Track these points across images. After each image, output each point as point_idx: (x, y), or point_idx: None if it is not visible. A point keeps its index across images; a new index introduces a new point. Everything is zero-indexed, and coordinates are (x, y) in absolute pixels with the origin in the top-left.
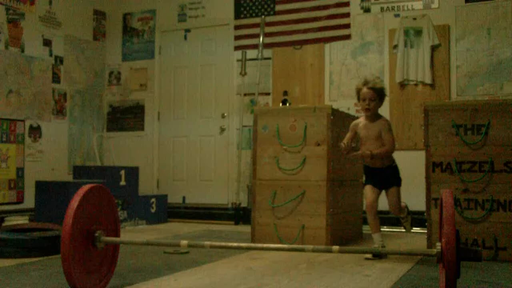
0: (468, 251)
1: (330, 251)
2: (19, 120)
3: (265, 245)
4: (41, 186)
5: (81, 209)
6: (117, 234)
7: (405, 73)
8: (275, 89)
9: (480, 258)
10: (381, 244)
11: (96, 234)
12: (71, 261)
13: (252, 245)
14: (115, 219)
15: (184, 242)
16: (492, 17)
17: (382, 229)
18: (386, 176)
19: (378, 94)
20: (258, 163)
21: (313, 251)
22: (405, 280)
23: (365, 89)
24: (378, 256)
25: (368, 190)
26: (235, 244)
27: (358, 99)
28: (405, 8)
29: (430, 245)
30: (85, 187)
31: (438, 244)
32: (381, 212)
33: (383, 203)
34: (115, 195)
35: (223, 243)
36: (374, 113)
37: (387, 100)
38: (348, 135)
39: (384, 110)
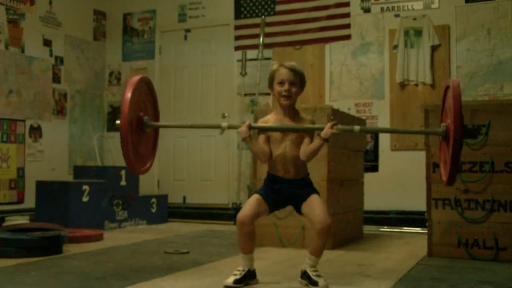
0: (468, 129)
1: None
2: (19, 120)
3: None
4: (41, 186)
5: (133, 99)
6: (157, 120)
7: (405, 73)
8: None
9: (477, 135)
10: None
11: (145, 120)
12: (129, 145)
13: None
14: (155, 107)
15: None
16: (492, 17)
17: (382, 229)
18: (295, 192)
19: (300, 79)
20: (258, 163)
21: None
22: (405, 280)
23: (283, 69)
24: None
25: (252, 201)
26: None
27: (271, 85)
28: (405, 8)
29: (430, 244)
30: (135, 78)
31: (443, 124)
32: (381, 212)
33: (380, 202)
34: (115, 195)
35: None
36: (294, 104)
37: (387, 100)
38: (262, 139)
39: (384, 110)
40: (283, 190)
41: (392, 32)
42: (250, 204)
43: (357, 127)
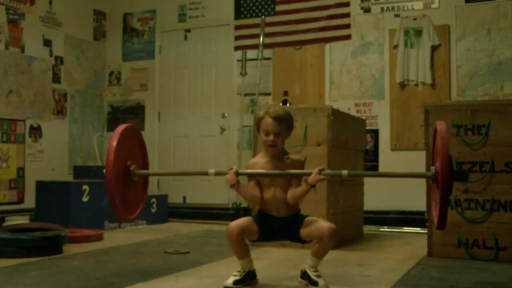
0: (458, 173)
1: None
2: (19, 120)
3: None
4: (41, 186)
5: (119, 147)
6: (146, 168)
7: (405, 73)
8: (275, 89)
9: (466, 178)
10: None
11: (131, 168)
12: (115, 193)
13: None
14: (144, 154)
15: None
16: (492, 17)
17: (382, 229)
18: (289, 226)
19: (286, 126)
20: None
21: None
22: (405, 280)
23: (268, 119)
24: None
25: (244, 218)
26: None
27: (258, 130)
28: (405, 8)
29: (430, 244)
30: (121, 127)
31: (433, 167)
32: (381, 212)
33: (380, 202)
34: None
35: None
36: (282, 148)
37: (387, 100)
38: (252, 183)
39: (384, 110)
40: (276, 227)
41: (392, 32)
42: (242, 219)
43: (345, 172)
